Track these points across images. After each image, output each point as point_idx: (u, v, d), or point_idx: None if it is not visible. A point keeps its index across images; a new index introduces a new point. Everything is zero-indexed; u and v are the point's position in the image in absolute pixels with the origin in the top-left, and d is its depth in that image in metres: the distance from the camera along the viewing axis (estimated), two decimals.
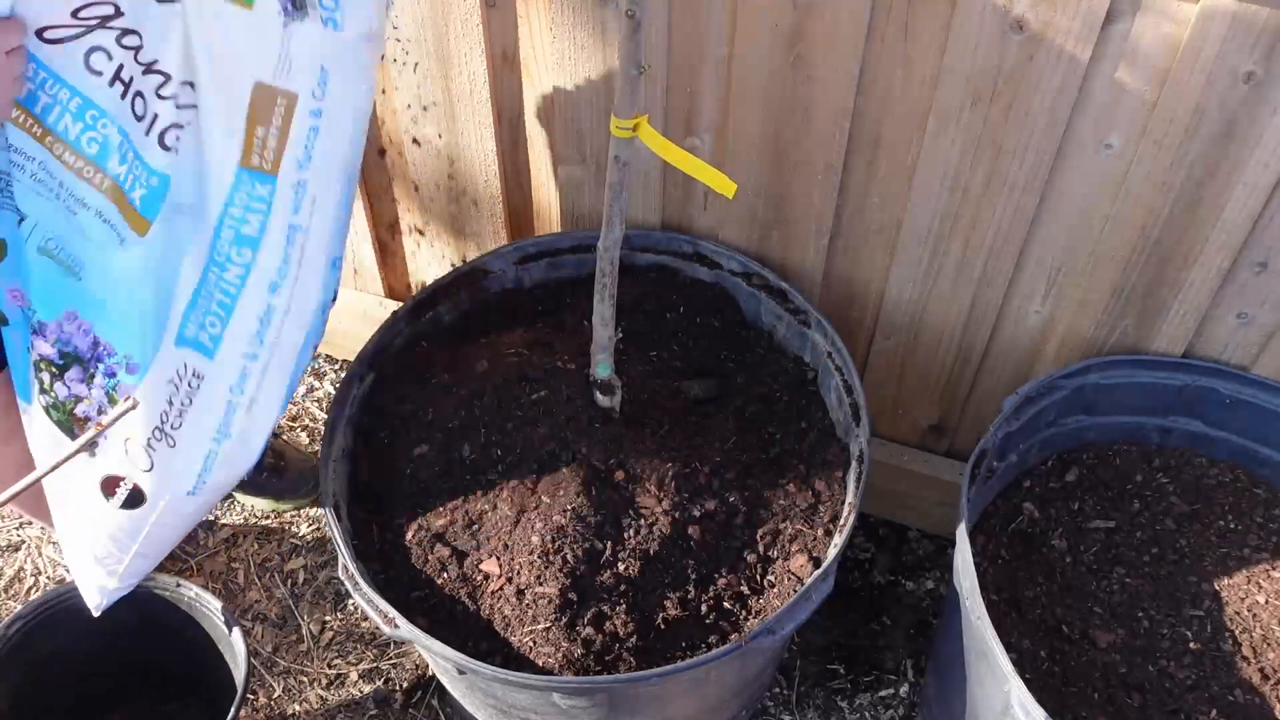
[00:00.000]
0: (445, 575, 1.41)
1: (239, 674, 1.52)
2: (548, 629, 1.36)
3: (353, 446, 1.54)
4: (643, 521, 1.43)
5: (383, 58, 1.68)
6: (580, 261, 1.75)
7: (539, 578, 1.39)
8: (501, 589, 1.40)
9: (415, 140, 1.80)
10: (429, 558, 1.43)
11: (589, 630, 1.35)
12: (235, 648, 1.53)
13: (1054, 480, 1.63)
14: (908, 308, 1.67)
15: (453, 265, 2.00)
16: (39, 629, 1.58)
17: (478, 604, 1.39)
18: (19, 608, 1.58)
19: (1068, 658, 1.45)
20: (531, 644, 1.36)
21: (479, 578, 1.41)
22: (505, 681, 1.29)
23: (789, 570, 1.42)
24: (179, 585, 1.59)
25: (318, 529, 2.09)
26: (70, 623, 1.61)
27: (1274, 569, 1.53)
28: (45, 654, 1.60)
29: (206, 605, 1.57)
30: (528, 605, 1.38)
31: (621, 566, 1.40)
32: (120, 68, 1.14)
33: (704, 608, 1.39)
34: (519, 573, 1.40)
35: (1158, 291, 1.50)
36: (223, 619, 1.56)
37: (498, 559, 1.42)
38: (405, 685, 1.90)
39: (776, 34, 1.39)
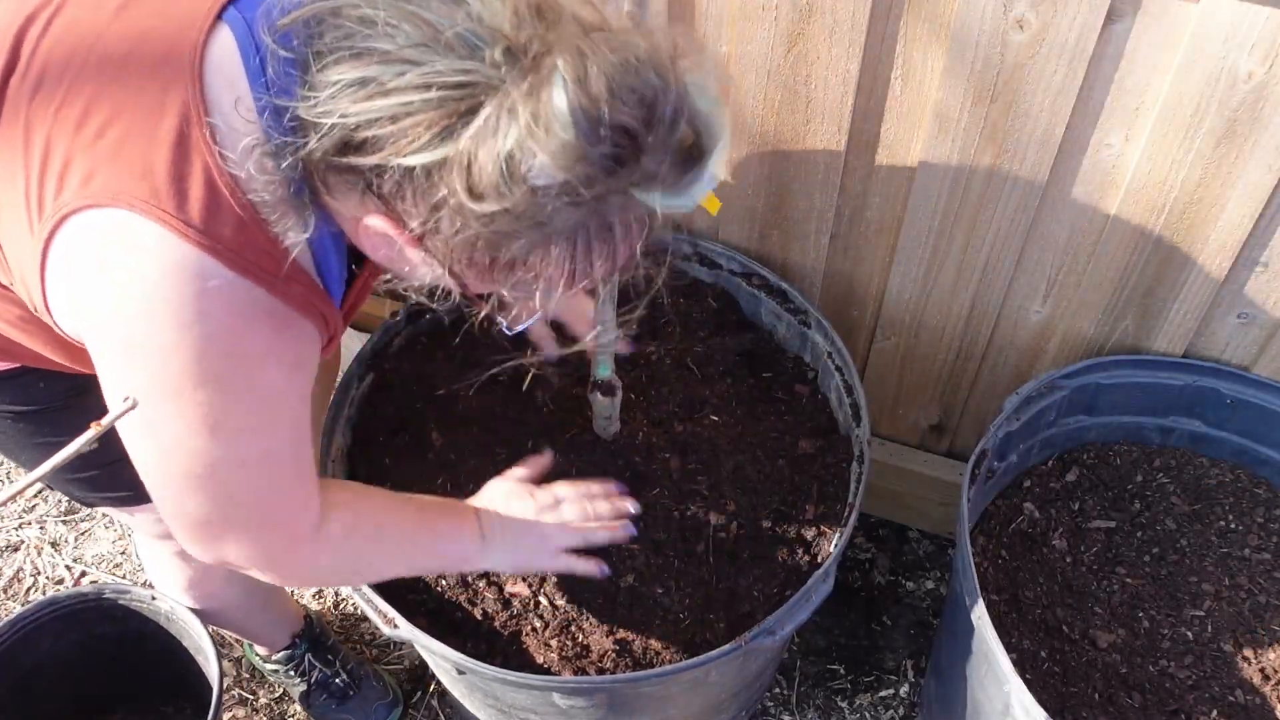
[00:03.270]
0: (445, 574, 1.41)
1: (214, 687, 1.52)
2: (548, 628, 1.36)
3: (351, 447, 1.54)
4: (644, 520, 1.43)
5: None
6: None
7: (540, 577, 1.39)
8: (502, 588, 1.40)
9: None
10: None
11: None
12: (210, 663, 1.54)
13: (1054, 480, 1.63)
14: (908, 307, 1.67)
15: None
16: (23, 642, 1.59)
17: (477, 604, 1.39)
18: (9, 617, 1.58)
19: (1068, 658, 1.45)
20: (531, 644, 1.36)
21: (477, 575, 1.41)
22: (505, 681, 1.29)
23: (789, 570, 1.42)
24: (154, 599, 1.59)
25: None
26: (55, 635, 1.62)
27: (1275, 569, 1.53)
28: (32, 665, 1.61)
29: (182, 618, 1.58)
30: (529, 603, 1.38)
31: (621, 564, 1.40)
32: None
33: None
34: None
35: (1158, 291, 1.50)
36: (197, 631, 1.56)
37: None
38: (405, 686, 1.90)
39: (776, 33, 1.39)
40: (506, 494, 1.29)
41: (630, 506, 1.30)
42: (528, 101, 0.73)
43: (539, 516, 1.27)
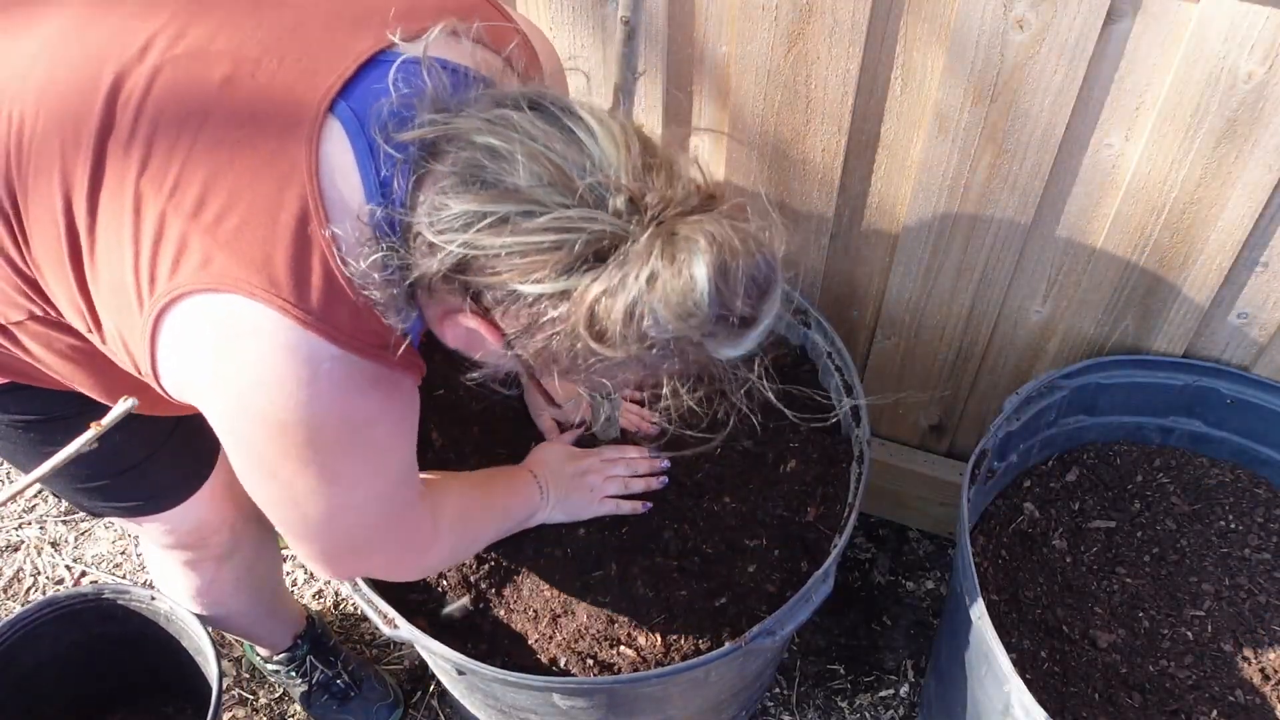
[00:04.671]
0: (445, 577, 1.41)
1: (213, 687, 1.52)
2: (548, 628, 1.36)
3: None
4: (642, 520, 1.43)
5: None
6: None
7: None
8: (502, 589, 1.40)
9: None
10: None
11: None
12: (209, 663, 1.54)
13: (1054, 480, 1.63)
14: (908, 307, 1.67)
15: None
16: (23, 642, 1.58)
17: (477, 604, 1.39)
18: (9, 618, 1.58)
19: (1068, 658, 1.45)
20: (531, 644, 1.36)
21: (479, 577, 1.41)
22: (504, 682, 1.29)
23: (789, 570, 1.42)
24: (154, 599, 1.59)
25: None
26: (55, 635, 1.61)
27: (1275, 569, 1.53)
28: (32, 665, 1.61)
29: (182, 618, 1.58)
30: (528, 604, 1.38)
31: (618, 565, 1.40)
32: None
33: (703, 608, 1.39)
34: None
35: (1158, 291, 1.50)
36: (196, 631, 1.56)
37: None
38: (405, 686, 1.90)
39: (776, 33, 1.39)
40: (559, 456, 1.42)
41: (664, 464, 1.44)
42: (667, 269, 0.80)
43: (587, 471, 1.40)
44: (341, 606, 2.01)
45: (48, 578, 2.07)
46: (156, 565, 1.54)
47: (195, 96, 0.90)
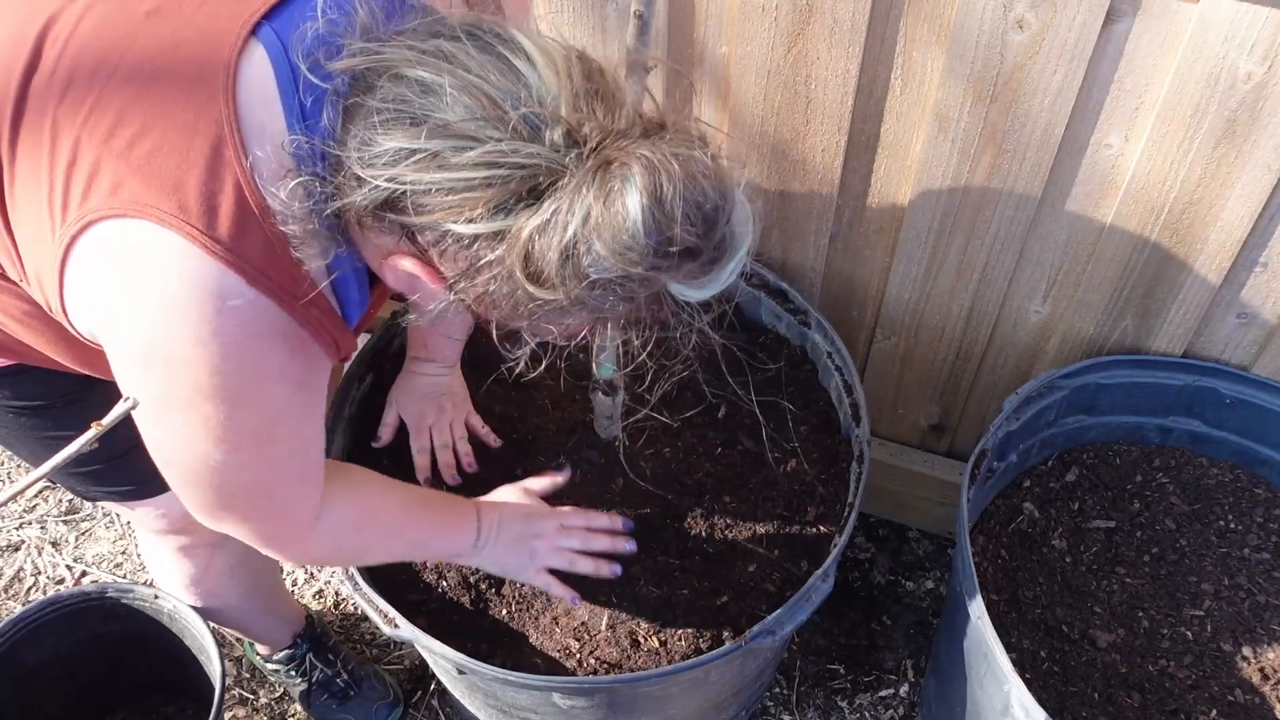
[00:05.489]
0: (445, 578, 1.41)
1: (215, 687, 1.52)
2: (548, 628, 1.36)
3: (351, 447, 1.54)
4: (642, 519, 1.43)
5: None
6: None
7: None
8: (501, 589, 1.40)
9: None
10: None
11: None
12: (212, 662, 1.54)
13: (1054, 480, 1.63)
14: (908, 307, 1.67)
15: None
16: (26, 640, 1.59)
17: (477, 604, 1.39)
18: (11, 616, 1.58)
19: (1068, 658, 1.45)
20: (532, 643, 1.36)
21: (479, 578, 1.41)
22: (505, 682, 1.29)
23: (789, 570, 1.42)
24: (157, 598, 1.59)
25: None
26: (58, 634, 1.62)
27: (1274, 569, 1.53)
28: (35, 664, 1.61)
29: (185, 617, 1.58)
30: (528, 604, 1.38)
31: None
32: None
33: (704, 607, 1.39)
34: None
35: (1157, 291, 1.50)
36: (199, 630, 1.56)
37: None
38: (405, 685, 1.90)
39: (776, 33, 1.39)
40: (516, 509, 1.33)
41: (627, 546, 1.32)
42: (599, 201, 0.75)
43: (537, 534, 1.31)
44: (341, 606, 2.01)
45: (48, 577, 2.07)
46: (151, 554, 1.54)
47: (121, 29, 0.89)
